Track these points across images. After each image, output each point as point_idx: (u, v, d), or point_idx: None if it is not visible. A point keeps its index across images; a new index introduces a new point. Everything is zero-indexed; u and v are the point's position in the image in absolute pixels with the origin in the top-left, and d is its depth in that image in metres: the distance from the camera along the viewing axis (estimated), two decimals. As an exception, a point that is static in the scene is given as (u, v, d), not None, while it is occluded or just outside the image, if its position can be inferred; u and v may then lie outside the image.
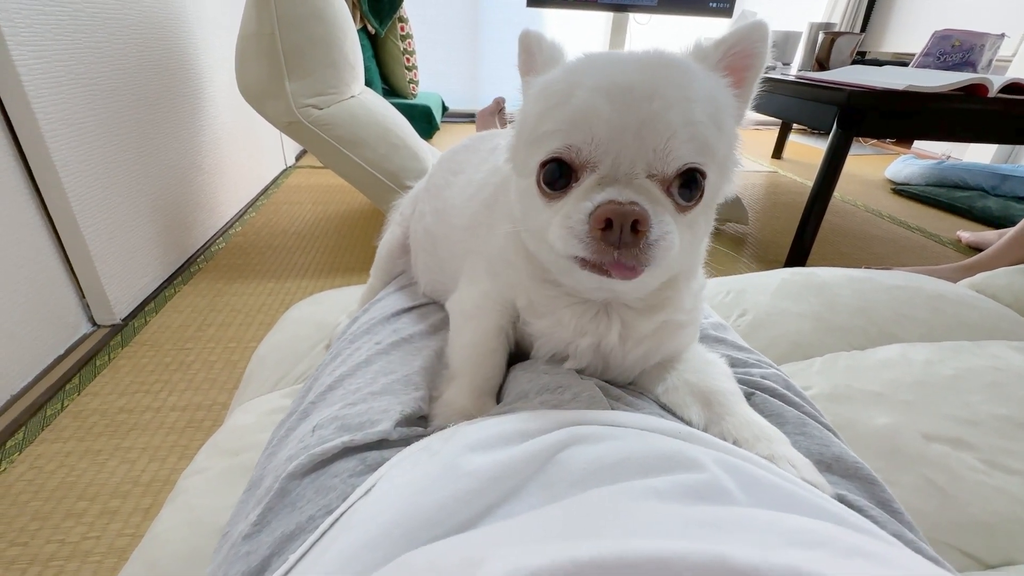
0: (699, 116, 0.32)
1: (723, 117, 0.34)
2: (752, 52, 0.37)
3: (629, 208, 0.30)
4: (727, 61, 0.37)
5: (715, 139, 0.33)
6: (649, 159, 0.31)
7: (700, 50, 0.38)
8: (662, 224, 0.31)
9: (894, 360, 0.72)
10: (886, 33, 3.93)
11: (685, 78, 0.33)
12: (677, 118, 0.31)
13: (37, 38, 1.02)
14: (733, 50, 0.37)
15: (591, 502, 0.24)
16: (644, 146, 0.31)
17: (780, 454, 0.34)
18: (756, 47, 0.37)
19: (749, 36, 0.36)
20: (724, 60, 0.37)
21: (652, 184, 0.32)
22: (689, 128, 0.31)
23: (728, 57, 0.37)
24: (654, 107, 0.31)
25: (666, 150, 0.31)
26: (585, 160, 0.33)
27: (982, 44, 1.69)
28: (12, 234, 1.03)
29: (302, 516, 0.33)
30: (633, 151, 0.31)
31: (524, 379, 0.44)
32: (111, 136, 1.24)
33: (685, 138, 0.31)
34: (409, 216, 0.71)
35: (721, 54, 0.37)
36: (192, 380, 1.09)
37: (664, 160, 0.31)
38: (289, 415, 0.47)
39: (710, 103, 0.33)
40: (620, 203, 0.30)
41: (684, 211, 0.33)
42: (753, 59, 0.37)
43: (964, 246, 2.00)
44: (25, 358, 1.06)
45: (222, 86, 1.80)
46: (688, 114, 0.31)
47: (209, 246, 1.72)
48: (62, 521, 0.78)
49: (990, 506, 0.51)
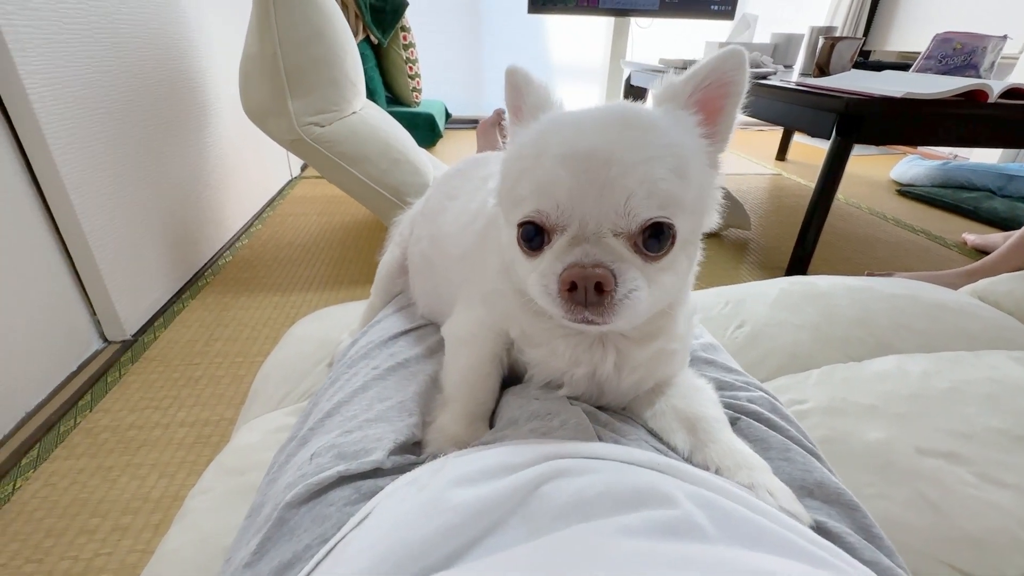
0: (658, 173, 0.33)
1: (688, 165, 0.35)
2: (728, 81, 0.37)
3: (591, 272, 0.32)
4: (700, 95, 0.37)
5: (679, 189, 0.34)
6: (613, 219, 0.33)
7: (670, 89, 0.38)
8: (627, 282, 0.33)
9: (890, 372, 0.72)
10: (890, 32, 3.91)
11: (644, 137, 0.34)
12: (633, 181, 0.33)
13: (48, 65, 1.05)
14: (706, 83, 0.37)
15: (563, 541, 0.25)
16: (606, 209, 0.33)
17: (760, 483, 0.35)
18: (731, 75, 0.36)
19: (721, 67, 0.36)
20: (696, 95, 0.37)
21: (618, 242, 0.34)
22: (646, 186, 0.33)
23: (701, 91, 0.37)
24: (612, 173, 0.33)
25: (626, 210, 0.33)
26: (555, 223, 0.35)
27: (984, 46, 1.68)
28: (25, 255, 1.06)
29: (299, 545, 0.35)
30: (597, 214, 0.33)
31: (515, 405, 0.45)
32: (120, 156, 1.28)
33: (643, 197, 0.33)
34: (407, 237, 0.72)
35: (692, 89, 0.37)
36: (200, 395, 1.11)
37: (627, 219, 0.33)
38: (290, 440, 0.49)
39: (672, 156, 0.34)
40: (584, 266, 0.32)
41: (656, 260, 0.35)
42: (730, 87, 0.37)
43: (970, 249, 1.99)
44: (39, 375, 1.09)
45: (228, 102, 1.83)
46: (645, 174, 0.33)
47: (216, 260, 1.75)
48: (75, 538, 0.80)
49: (982, 521, 0.52)
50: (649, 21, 3.81)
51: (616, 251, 0.33)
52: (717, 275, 1.71)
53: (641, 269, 0.34)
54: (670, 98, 0.38)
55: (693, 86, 0.37)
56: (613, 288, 0.32)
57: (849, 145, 1.33)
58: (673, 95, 0.38)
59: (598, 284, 0.32)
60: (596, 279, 0.32)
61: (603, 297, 0.32)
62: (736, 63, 0.36)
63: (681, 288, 0.41)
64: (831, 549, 0.29)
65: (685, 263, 0.38)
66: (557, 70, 4.15)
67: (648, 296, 0.34)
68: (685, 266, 0.38)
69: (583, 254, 0.33)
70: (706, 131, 0.38)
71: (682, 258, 0.37)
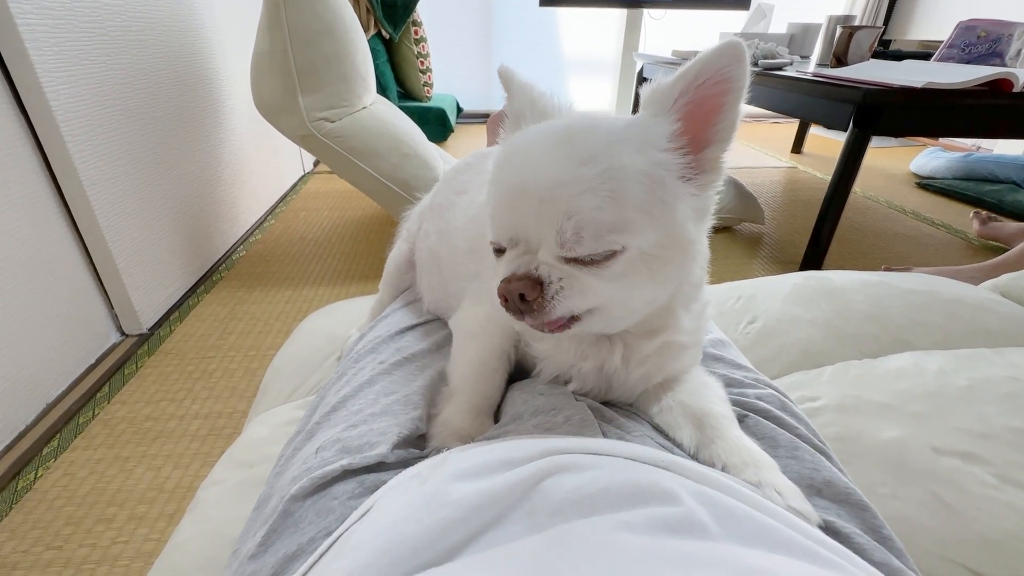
0: (589, 204, 0.33)
1: (633, 188, 0.34)
2: (725, 77, 0.34)
3: (514, 284, 0.35)
4: (694, 95, 0.35)
5: (620, 215, 0.33)
6: (550, 244, 0.35)
7: (656, 91, 0.36)
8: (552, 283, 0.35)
9: (906, 369, 0.70)
10: (911, 21, 3.80)
11: (578, 170, 0.33)
12: (560, 216, 0.33)
13: (64, 64, 1.07)
14: (699, 80, 0.34)
15: (563, 536, 0.25)
16: (543, 236, 0.35)
17: (767, 481, 0.35)
18: (729, 71, 0.33)
19: (717, 62, 0.33)
20: (688, 95, 0.35)
21: (550, 256, 0.35)
22: (575, 221, 0.33)
23: (695, 90, 0.34)
24: (542, 210, 0.34)
25: (560, 240, 0.34)
26: (508, 246, 0.38)
27: (1010, 34, 1.62)
28: (45, 251, 1.08)
29: (303, 538, 0.35)
30: (536, 238, 0.36)
31: (519, 400, 0.45)
32: (135, 153, 1.30)
33: (572, 230, 0.33)
34: (415, 232, 0.73)
35: (681, 90, 0.35)
36: (214, 388, 1.13)
37: (562, 248, 0.35)
38: (297, 433, 0.49)
39: (612, 181, 0.33)
40: (509, 280, 0.35)
41: (596, 266, 0.35)
42: (728, 84, 0.34)
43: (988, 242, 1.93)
44: (59, 367, 1.12)
45: (240, 98, 1.85)
46: (573, 208, 0.33)
47: (230, 255, 1.78)
48: (93, 526, 0.82)
49: (998, 523, 0.50)
50: (663, 12, 3.76)
51: (547, 261, 0.35)
52: (729, 269, 1.69)
53: (572, 273, 0.35)
54: (654, 102, 0.36)
55: (682, 87, 0.35)
56: (537, 295, 0.35)
57: (867, 137, 1.29)
58: (657, 99, 0.36)
59: (521, 294, 0.35)
60: (518, 290, 0.35)
61: (530, 305, 0.35)
62: (733, 57, 0.33)
63: (663, 293, 0.40)
64: (838, 549, 0.28)
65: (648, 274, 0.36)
66: (569, 64, 4.12)
67: (588, 298, 0.36)
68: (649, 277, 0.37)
69: (516, 266, 0.36)
70: (693, 137, 0.36)
71: (642, 270, 0.36)
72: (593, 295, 0.36)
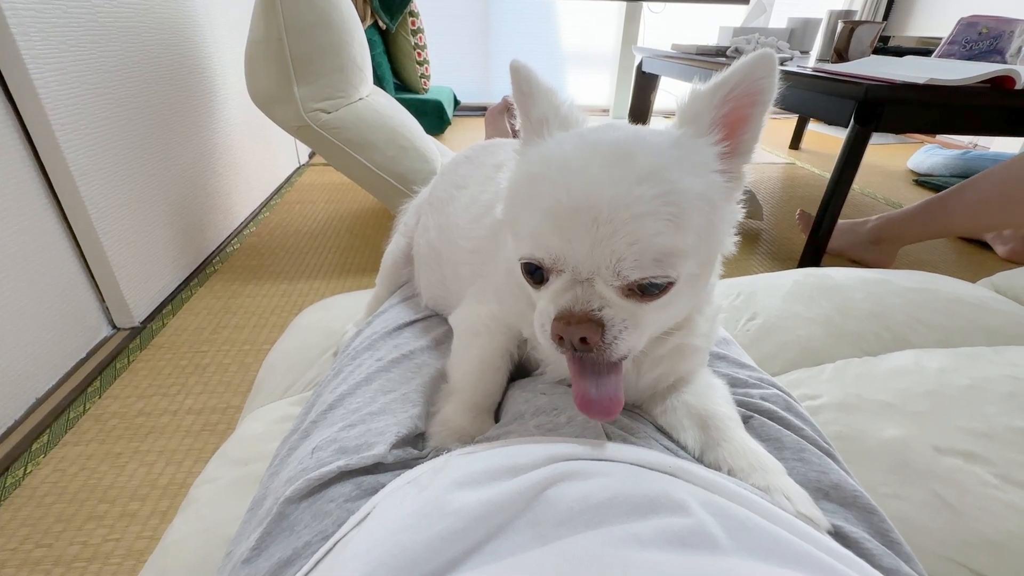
0: (651, 229, 0.31)
1: (691, 211, 0.32)
2: (757, 89, 0.34)
3: (575, 328, 0.32)
4: (727, 107, 0.34)
5: (678, 240, 0.32)
6: (604, 274, 0.33)
7: (695, 104, 0.35)
8: (614, 328, 0.33)
9: (907, 368, 0.70)
10: (911, 17, 3.79)
11: (638, 190, 0.31)
12: (622, 244, 0.31)
13: (52, 50, 1.05)
14: (734, 93, 0.34)
15: (571, 549, 0.24)
16: (598, 263, 0.32)
17: (775, 486, 0.34)
18: (761, 83, 0.34)
19: (752, 73, 0.33)
20: (723, 109, 0.34)
21: (609, 289, 0.33)
22: (636, 248, 0.31)
23: (729, 102, 0.34)
24: (600, 232, 0.31)
25: (616, 270, 0.32)
26: (550, 267, 0.35)
27: (1011, 31, 1.62)
28: (33, 242, 1.06)
29: (299, 542, 0.34)
30: (588, 266, 0.33)
31: (521, 399, 0.44)
32: (126, 143, 1.27)
33: (633, 258, 0.32)
34: (413, 226, 0.71)
35: (720, 102, 0.34)
36: (207, 383, 1.11)
37: (616, 278, 0.33)
38: (292, 432, 0.48)
39: (671, 205, 0.32)
40: (568, 321, 0.33)
41: (653, 299, 0.34)
42: (758, 96, 0.34)
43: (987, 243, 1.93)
44: (49, 362, 1.10)
45: (235, 88, 1.82)
46: (635, 233, 0.31)
47: (224, 247, 1.76)
48: (84, 523, 0.81)
49: (1001, 523, 0.50)
50: (662, 6, 3.74)
51: (606, 297, 0.33)
52: (728, 266, 1.65)
53: (634, 312, 0.33)
54: (693, 118, 0.35)
55: (721, 97, 0.34)
56: (599, 339, 0.33)
57: (868, 133, 1.29)
58: (696, 115, 0.35)
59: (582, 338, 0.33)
60: (580, 335, 0.33)
61: (588, 346, 0.33)
62: (767, 68, 0.33)
63: (691, 306, 0.40)
64: (848, 558, 0.28)
65: (689, 293, 0.37)
66: (567, 57, 4.08)
67: (643, 332, 0.34)
68: (689, 295, 0.37)
69: (572, 300, 0.33)
70: (726, 149, 0.35)
71: (685, 291, 0.35)
72: (650, 329, 0.35)
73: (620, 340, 0.33)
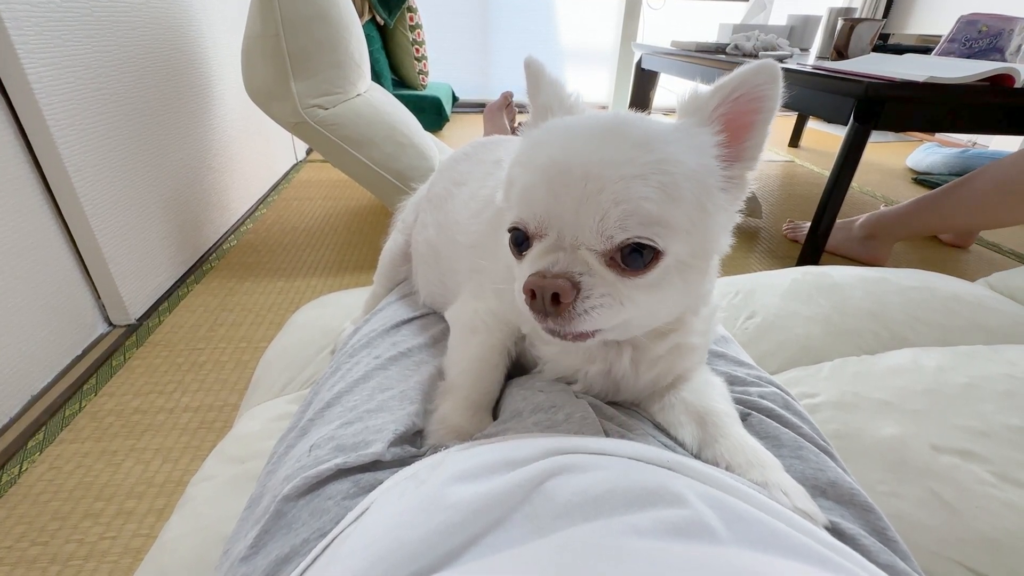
0: (639, 192, 0.31)
1: (683, 186, 0.32)
2: (759, 96, 0.34)
3: (550, 282, 0.32)
4: (727, 109, 0.35)
5: (667, 211, 0.32)
6: (588, 235, 0.33)
7: (694, 100, 0.36)
8: (591, 297, 0.32)
9: (905, 366, 0.70)
10: (911, 15, 3.79)
11: (629, 153, 0.32)
12: (608, 200, 0.31)
13: (47, 44, 1.04)
14: (734, 95, 0.34)
15: (569, 541, 0.24)
16: (582, 224, 0.32)
17: (773, 481, 0.34)
18: (763, 90, 0.34)
19: (753, 80, 0.34)
20: (722, 108, 0.35)
21: (591, 255, 0.33)
22: (623, 207, 0.31)
23: (729, 103, 0.35)
24: (588, 189, 0.32)
25: (600, 228, 0.32)
26: (535, 231, 0.35)
27: (1011, 29, 1.62)
28: (28, 238, 1.05)
29: (296, 539, 0.34)
30: (573, 227, 0.33)
31: (519, 397, 0.44)
32: (122, 138, 1.26)
33: (618, 217, 0.32)
34: (411, 224, 0.71)
35: (718, 102, 0.35)
36: (204, 381, 1.11)
37: (600, 238, 0.32)
38: (290, 430, 0.48)
39: (662, 174, 0.32)
40: (544, 276, 0.32)
41: (635, 276, 0.33)
42: (760, 103, 0.34)
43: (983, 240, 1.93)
44: (44, 359, 1.09)
45: (231, 84, 1.81)
46: (622, 193, 0.31)
47: (221, 244, 1.75)
48: (80, 521, 0.80)
49: (998, 521, 0.50)
50: (661, 2, 3.73)
51: (588, 263, 0.33)
52: (726, 264, 1.67)
53: (615, 284, 0.33)
54: (693, 111, 0.36)
55: (719, 99, 0.35)
56: (571, 300, 0.32)
57: (867, 131, 1.29)
58: (696, 108, 0.36)
59: (555, 295, 0.32)
60: (553, 289, 0.32)
61: (560, 308, 0.32)
62: (769, 76, 0.34)
63: (684, 304, 0.40)
64: (846, 552, 0.28)
65: (680, 284, 0.36)
66: (567, 53, 4.07)
67: (621, 313, 0.34)
68: (680, 287, 0.36)
69: (552, 262, 0.33)
70: (728, 151, 0.35)
71: (675, 280, 0.35)
72: (630, 308, 0.34)
73: (594, 312, 0.33)
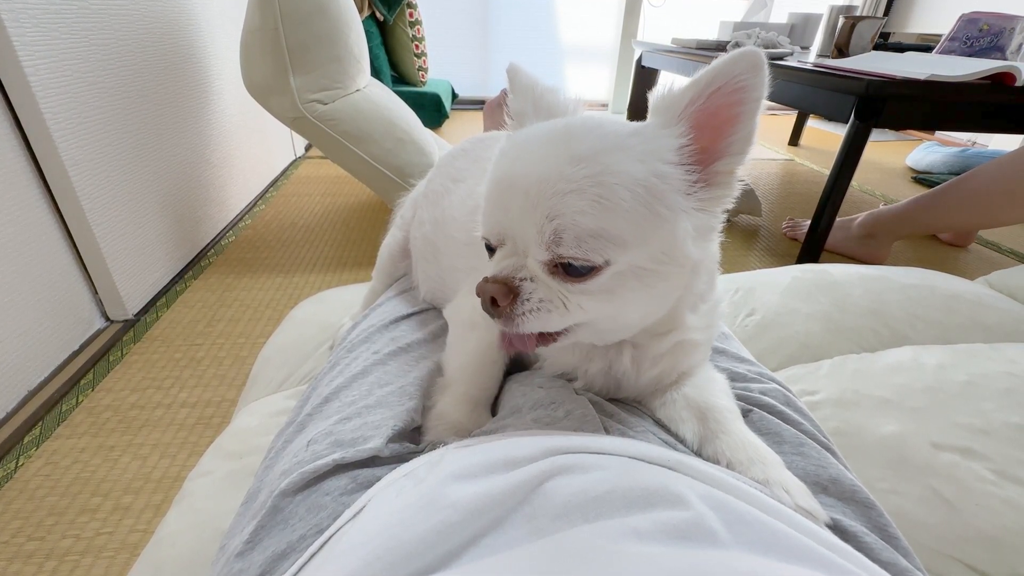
0: (574, 206, 0.32)
1: (625, 196, 0.31)
2: (740, 87, 0.32)
3: (489, 286, 0.34)
4: (705, 103, 0.33)
5: (607, 222, 0.32)
6: (532, 246, 0.34)
7: (664, 99, 0.34)
8: (529, 300, 0.34)
9: (905, 364, 0.70)
10: (911, 13, 3.79)
11: (566, 169, 0.32)
12: (541, 215, 0.32)
13: (44, 38, 1.03)
14: (712, 88, 0.32)
15: (568, 543, 0.23)
16: (527, 235, 0.34)
17: (774, 479, 0.34)
18: (744, 80, 0.31)
19: (732, 70, 0.31)
20: (698, 103, 0.33)
21: (536, 263, 0.35)
22: (556, 222, 0.32)
23: (707, 98, 0.33)
24: (527, 203, 0.33)
25: (539, 240, 0.33)
26: (496, 241, 0.37)
27: (1012, 27, 1.61)
28: (25, 233, 1.05)
29: (293, 535, 0.34)
30: (522, 238, 0.35)
31: (518, 393, 0.44)
32: (119, 133, 1.25)
33: (552, 232, 0.32)
34: (410, 220, 0.71)
35: (692, 97, 0.33)
36: (202, 376, 1.11)
37: (541, 248, 0.33)
38: (288, 425, 0.48)
39: (601, 187, 0.31)
40: (487, 280, 0.35)
41: (580, 281, 0.34)
42: (743, 94, 0.32)
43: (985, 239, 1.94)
44: (41, 354, 1.09)
45: (230, 79, 1.80)
46: (556, 208, 0.32)
47: (219, 240, 1.74)
48: (77, 516, 0.80)
49: (998, 519, 0.50)
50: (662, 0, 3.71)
51: (534, 272, 0.35)
52: (727, 262, 1.67)
53: (557, 290, 0.34)
54: (663, 109, 0.34)
55: (694, 94, 0.33)
56: (508, 303, 0.34)
57: (868, 129, 1.28)
58: (666, 107, 0.34)
59: (492, 298, 0.34)
60: (491, 293, 0.34)
61: (499, 310, 0.34)
62: (749, 65, 0.31)
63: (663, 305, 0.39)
64: (848, 552, 0.27)
65: (642, 289, 0.35)
66: (567, 50, 4.06)
67: (568, 317, 0.35)
68: (643, 292, 0.35)
69: (498, 268, 0.35)
70: (701, 150, 0.34)
71: (634, 285, 0.34)
72: (578, 313, 0.35)
73: (532, 315, 0.34)
